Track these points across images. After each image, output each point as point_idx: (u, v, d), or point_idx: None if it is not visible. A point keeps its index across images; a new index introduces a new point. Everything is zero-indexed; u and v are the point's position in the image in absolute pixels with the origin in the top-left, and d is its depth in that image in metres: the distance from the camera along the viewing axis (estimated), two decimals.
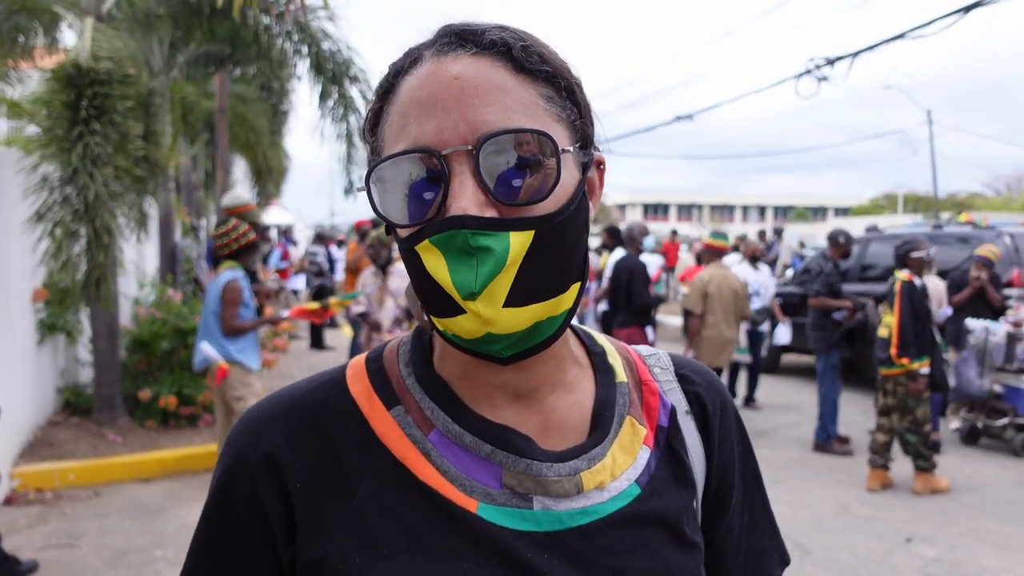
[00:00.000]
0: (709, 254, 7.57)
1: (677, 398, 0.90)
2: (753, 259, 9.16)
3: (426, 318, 0.77)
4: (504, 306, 0.69)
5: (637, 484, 0.80)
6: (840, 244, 7.57)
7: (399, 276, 6.08)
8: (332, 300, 6.07)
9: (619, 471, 0.80)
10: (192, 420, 7.14)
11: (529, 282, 0.70)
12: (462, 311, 0.69)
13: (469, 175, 0.69)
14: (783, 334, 9.70)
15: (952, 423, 7.88)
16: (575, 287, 0.75)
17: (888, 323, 6.08)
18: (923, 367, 5.95)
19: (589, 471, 0.78)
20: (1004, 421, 7.27)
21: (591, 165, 0.79)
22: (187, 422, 7.12)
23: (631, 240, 7.68)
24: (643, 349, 0.95)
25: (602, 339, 0.92)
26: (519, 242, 0.69)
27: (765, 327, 9.11)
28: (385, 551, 0.73)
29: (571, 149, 0.73)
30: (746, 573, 0.94)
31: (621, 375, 0.87)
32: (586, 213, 0.77)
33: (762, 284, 8.94)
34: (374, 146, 0.78)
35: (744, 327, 8.59)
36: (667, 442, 0.86)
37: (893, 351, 5.92)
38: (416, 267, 0.72)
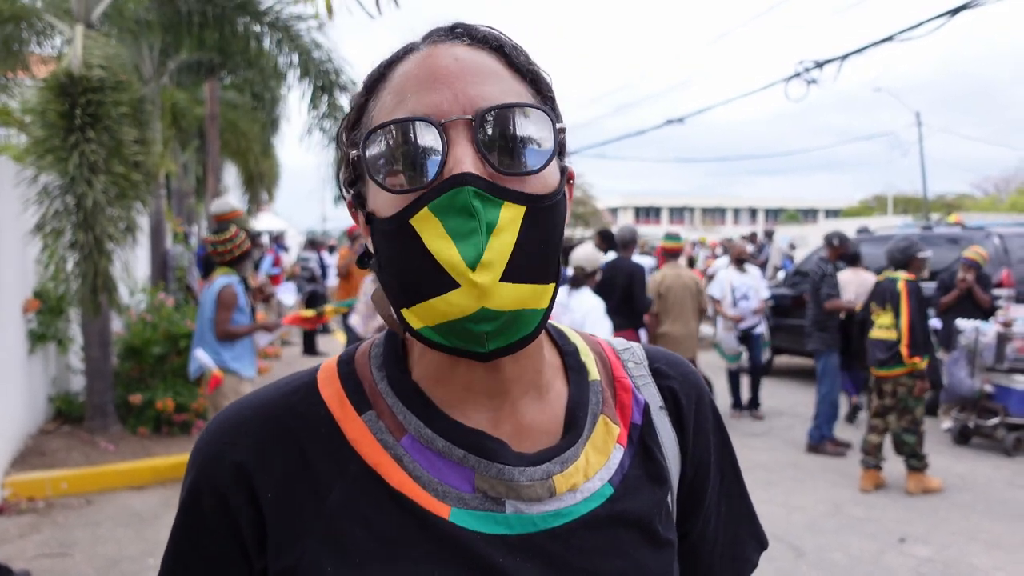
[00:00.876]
0: (664, 255, 8.11)
1: (651, 393, 0.89)
2: (739, 262, 9.00)
3: (396, 318, 0.75)
4: (501, 280, 0.68)
5: (610, 484, 0.80)
6: (835, 246, 7.61)
7: None
8: (327, 307, 6.05)
9: (592, 471, 0.80)
10: (185, 427, 7.11)
11: (522, 259, 0.69)
12: (455, 285, 0.68)
13: (468, 142, 0.69)
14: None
15: (944, 423, 7.92)
16: (553, 285, 0.74)
17: (884, 324, 6.10)
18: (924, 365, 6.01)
19: (562, 474, 0.77)
20: (995, 421, 7.31)
21: (565, 175, 0.79)
22: (180, 429, 7.10)
23: (626, 243, 7.75)
24: (617, 343, 0.94)
25: (574, 336, 0.91)
26: (513, 215, 0.69)
27: (760, 330, 8.88)
28: (357, 559, 0.72)
29: (564, 126, 0.75)
30: (723, 562, 0.94)
31: (594, 373, 0.87)
32: (564, 214, 0.77)
33: (750, 287, 8.79)
34: (354, 140, 0.77)
35: (733, 333, 8.61)
36: (641, 440, 0.85)
37: (905, 350, 5.91)
38: (406, 243, 0.70)
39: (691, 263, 14.25)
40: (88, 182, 5.72)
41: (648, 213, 70.36)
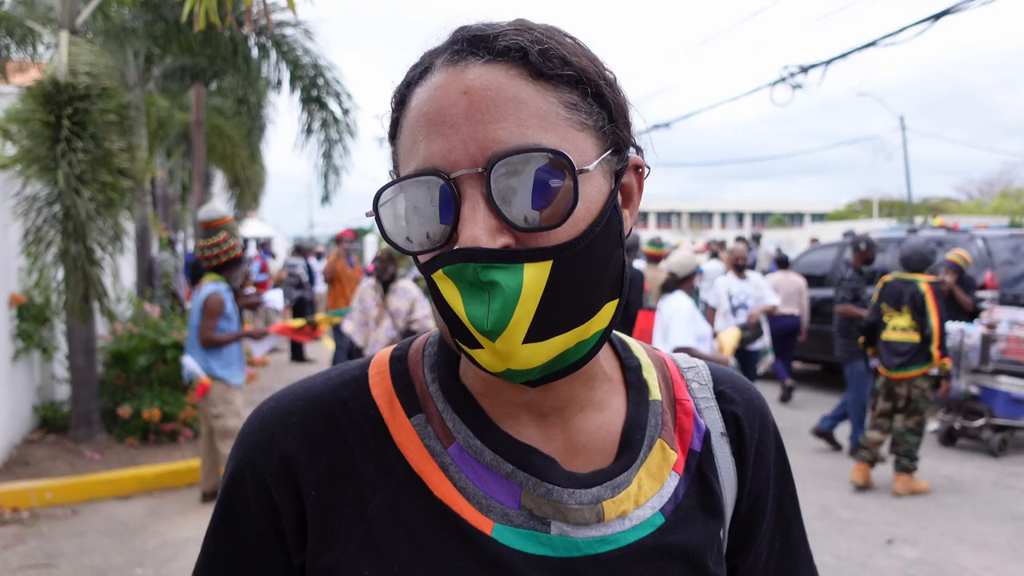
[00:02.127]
0: (648, 260, 8.33)
1: (713, 418, 0.85)
2: (738, 268, 8.32)
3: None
4: (524, 342, 0.64)
5: (662, 513, 0.77)
6: (862, 250, 7.41)
7: (400, 296, 5.78)
8: (320, 317, 5.98)
9: (644, 498, 0.76)
10: (172, 436, 7.06)
11: (552, 315, 0.65)
12: (480, 345, 0.66)
13: (480, 199, 0.65)
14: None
15: (930, 425, 7.97)
16: (610, 305, 0.70)
17: (900, 326, 6.13)
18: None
19: (612, 500, 0.74)
20: (981, 422, 7.36)
21: (626, 171, 0.74)
22: (167, 438, 7.04)
23: (627, 249, 7.76)
24: (682, 360, 0.90)
25: (639, 350, 0.87)
26: (535, 274, 0.64)
27: (758, 345, 7.90)
28: (395, 567, 0.71)
29: (590, 168, 0.67)
30: None
31: (655, 392, 0.83)
32: (619, 226, 0.72)
33: (749, 295, 8.03)
34: (394, 159, 0.75)
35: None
36: (698, 468, 0.81)
37: (936, 352, 5.98)
38: (435, 295, 0.69)
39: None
40: (76, 192, 5.68)
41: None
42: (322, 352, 13.45)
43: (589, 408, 0.78)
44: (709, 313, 8.39)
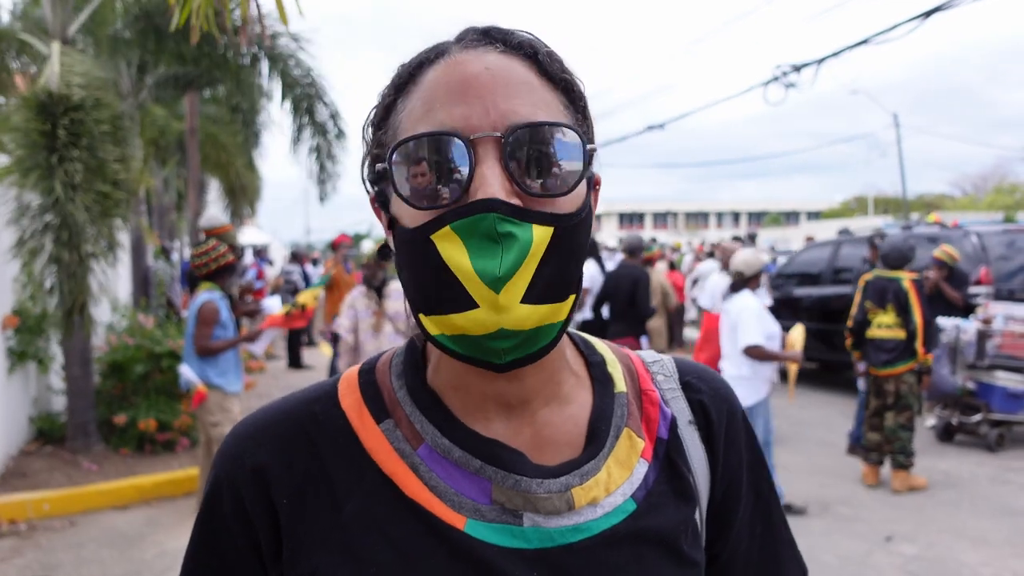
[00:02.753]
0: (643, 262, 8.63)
1: (680, 407, 0.86)
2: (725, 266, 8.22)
3: (416, 325, 0.74)
4: (521, 301, 0.67)
5: (633, 499, 0.78)
6: (878, 246, 7.33)
7: (396, 298, 5.59)
8: (302, 297, 5.94)
9: (614, 486, 0.78)
10: (169, 445, 7.04)
11: (544, 280, 0.68)
12: (475, 305, 0.67)
13: (496, 162, 0.68)
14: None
15: (927, 420, 7.98)
16: (572, 298, 0.73)
17: (885, 323, 6.17)
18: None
19: (581, 487, 0.75)
20: (978, 417, 7.38)
21: (592, 183, 0.78)
22: (164, 447, 7.02)
23: (633, 251, 7.92)
24: (647, 355, 0.92)
25: (602, 347, 0.89)
26: (541, 236, 0.68)
27: None
28: (372, 569, 0.72)
29: (595, 147, 0.74)
30: None
31: (620, 385, 0.85)
32: (590, 227, 0.76)
33: None
34: (380, 139, 0.77)
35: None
36: (667, 455, 0.83)
37: (921, 348, 6.04)
38: (427, 257, 0.69)
39: (672, 267, 14.36)
40: (72, 201, 5.68)
41: (631, 219, 70.67)
42: (320, 359, 13.44)
43: (555, 402, 0.80)
44: (704, 316, 8.06)
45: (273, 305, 7.47)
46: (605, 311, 7.80)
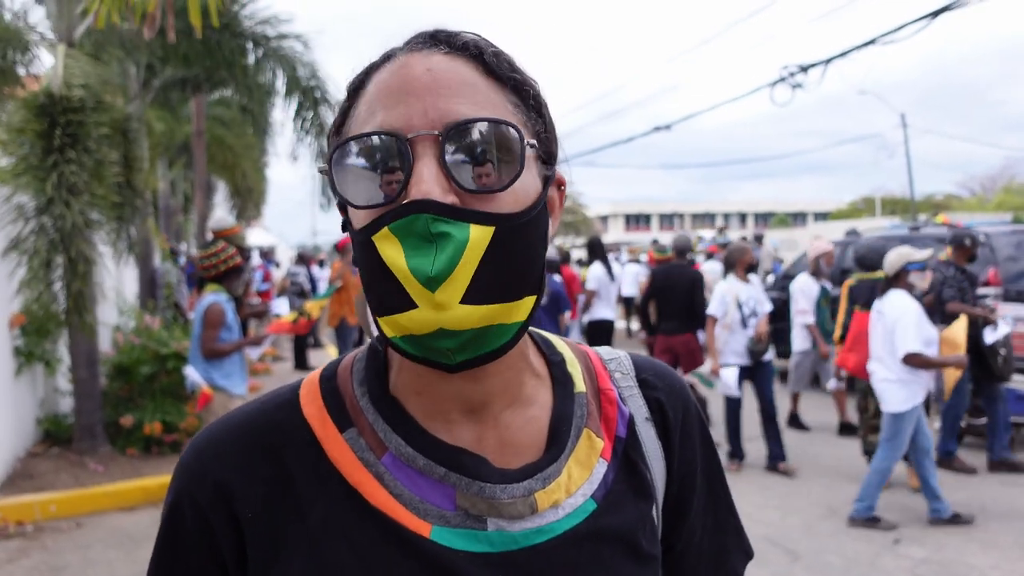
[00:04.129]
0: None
1: (638, 404, 0.88)
2: (750, 269, 7.08)
3: (375, 328, 0.75)
4: (460, 302, 0.67)
5: (593, 499, 0.80)
6: (966, 246, 6.87)
7: None
8: (307, 304, 5.97)
9: (575, 487, 0.79)
10: (175, 447, 7.05)
11: (487, 280, 0.68)
12: (415, 305, 0.68)
13: (433, 159, 0.68)
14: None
15: (936, 422, 7.92)
16: (530, 300, 0.73)
17: None
18: None
19: (544, 491, 0.77)
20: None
21: (552, 182, 0.78)
22: (170, 449, 7.03)
23: (682, 251, 8.05)
24: (605, 352, 0.93)
25: (562, 345, 0.90)
26: (479, 236, 0.68)
27: (769, 356, 6.88)
28: None
29: (535, 143, 0.73)
30: (708, 572, 0.94)
31: (580, 384, 0.86)
32: (546, 227, 0.76)
33: (758, 300, 6.84)
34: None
35: (736, 366, 6.73)
36: (625, 453, 0.84)
37: None
38: (371, 258, 0.70)
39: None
40: (67, 203, 5.68)
41: (638, 220, 70.56)
42: (326, 360, 13.42)
43: (517, 404, 0.80)
44: (710, 324, 6.83)
45: (280, 306, 7.50)
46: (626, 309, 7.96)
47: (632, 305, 11.40)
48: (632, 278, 13.89)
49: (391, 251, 0.68)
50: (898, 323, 5.18)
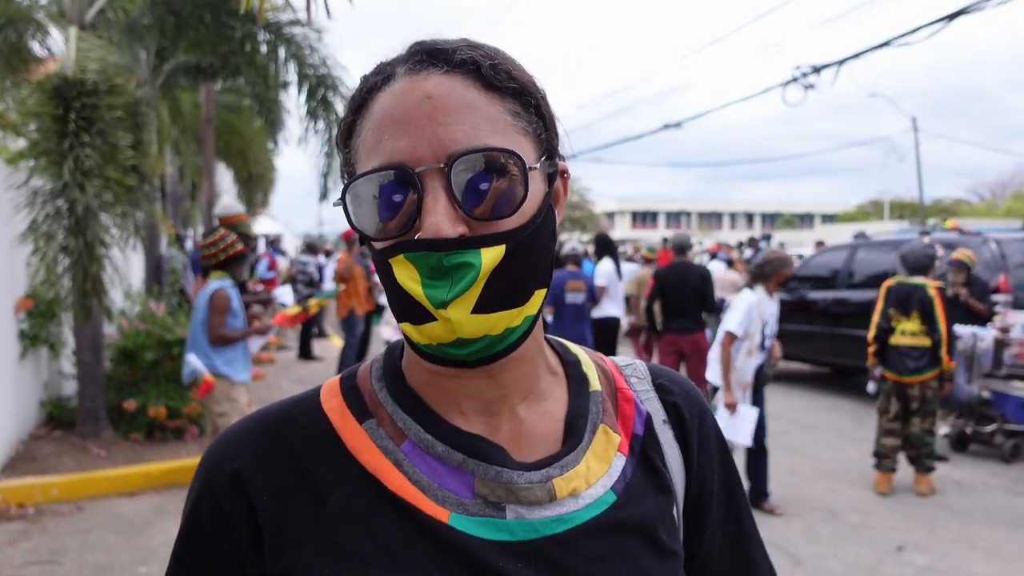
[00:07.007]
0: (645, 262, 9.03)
1: (655, 407, 0.89)
2: (784, 282, 5.81)
3: (385, 334, 0.78)
4: (472, 312, 0.71)
5: (613, 491, 0.80)
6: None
7: None
8: (312, 301, 5.99)
9: (594, 478, 0.80)
10: (178, 433, 7.06)
11: (496, 292, 0.72)
12: (433, 319, 0.71)
13: (441, 191, 0.71)
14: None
15: (941, 429, 7.89)
16: (540, 293, 0.77)
17: (911, 330, 6.12)
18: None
19: (562, 477, 0.78)
20: (993, 427, 7.28)
21: (556, 175, 0.81)
22: (173, 435, 7.04)
23: (684, 249, 8.06)
24: (619, 359, 0.95)
25: (576, 349, 0.92)
26: (491, 257, 0.71)
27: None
28: (356, 561, 0.73)
29: (537, 165, 0.76)
30: None
31: (595, 383, 0.87)
32: (552, 223, 0.80)
33: (775, 319, 5.84)
34: (347, 157, 0.80)
35: (747, 393, 5.62)
36: (642, 450, 0.85)
37: (946, 355, 6.02)
38: (390, 276, 0.74)
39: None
40: (81, 187, 5.67)
41: (645, 218, 70.49)
42: (330, 350, 13.46)
43: (532, 398, 0.82)
44: (726, 342, 5.57)
45: (284, 295, 7.51)
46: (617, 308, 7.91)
47: (628, 303, 11.26)
48: (627, 276, 13.84)
49: (407, 277, 0.72)
50: None
